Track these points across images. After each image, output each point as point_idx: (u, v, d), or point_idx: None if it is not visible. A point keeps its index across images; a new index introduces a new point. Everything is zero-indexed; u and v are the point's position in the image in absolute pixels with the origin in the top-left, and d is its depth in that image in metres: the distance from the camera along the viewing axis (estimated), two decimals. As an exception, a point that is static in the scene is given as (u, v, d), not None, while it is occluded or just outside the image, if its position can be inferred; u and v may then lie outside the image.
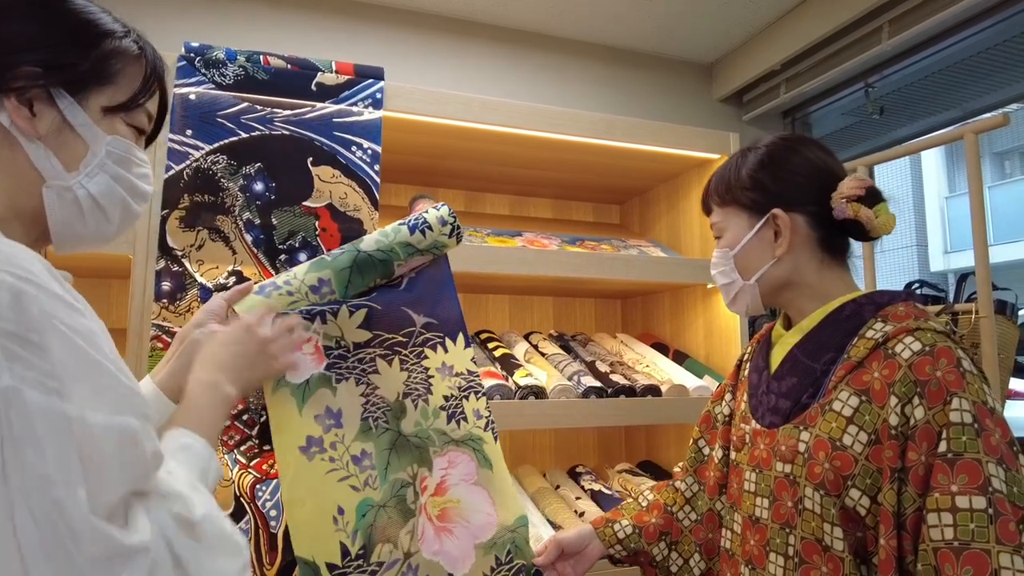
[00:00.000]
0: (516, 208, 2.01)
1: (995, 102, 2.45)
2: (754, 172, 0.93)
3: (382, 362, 1.00)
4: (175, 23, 1.75)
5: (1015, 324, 1.61)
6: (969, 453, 0.70)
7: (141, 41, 0.72)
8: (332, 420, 0.93)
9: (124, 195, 0.70)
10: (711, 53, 2.28)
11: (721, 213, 0.97)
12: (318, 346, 0.95)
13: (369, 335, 0.99)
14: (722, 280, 0.97)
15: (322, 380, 0.94)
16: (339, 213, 1.26)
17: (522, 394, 1.39)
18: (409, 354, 1.02)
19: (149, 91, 0.72)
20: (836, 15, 1.87)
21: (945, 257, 11.17)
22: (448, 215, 1.06)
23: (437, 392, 1.02)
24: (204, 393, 0.76)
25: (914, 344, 0.77)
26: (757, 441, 0.90)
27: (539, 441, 1.90)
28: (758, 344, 1.03)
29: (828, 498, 0.78)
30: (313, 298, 0.95)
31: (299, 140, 1.25)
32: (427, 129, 1.46)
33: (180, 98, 1.19)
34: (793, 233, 0.90)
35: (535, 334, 1.81)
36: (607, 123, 1.55)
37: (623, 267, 1.54)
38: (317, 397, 0.92)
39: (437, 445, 1.00)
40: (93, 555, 0.47)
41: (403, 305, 1.02)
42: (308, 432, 0.90)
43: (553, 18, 2.03)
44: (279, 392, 0.90)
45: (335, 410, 0.93)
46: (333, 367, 0.95)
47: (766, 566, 0.85)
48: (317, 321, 0.94)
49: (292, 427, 0.89)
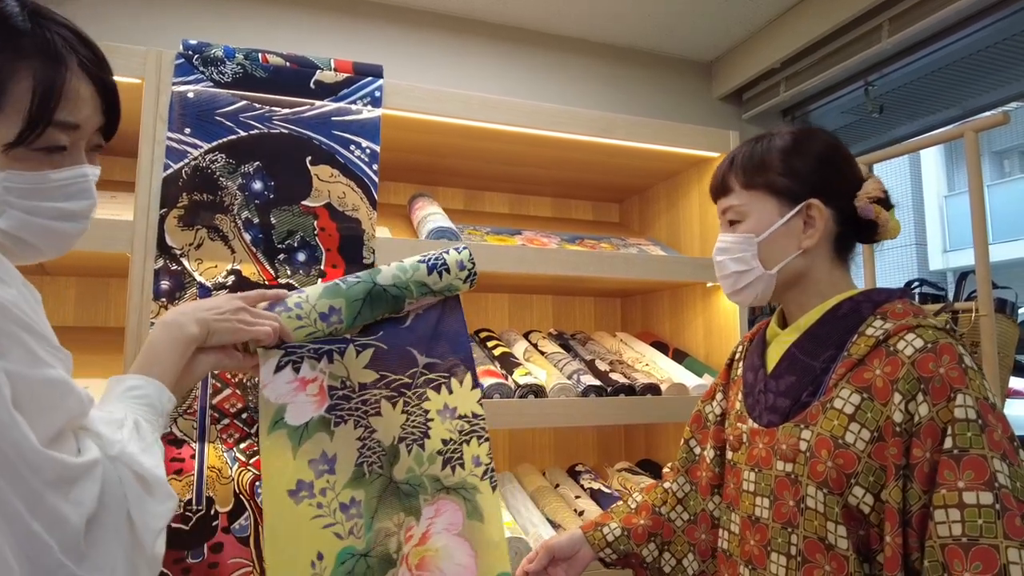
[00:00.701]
0: (515, 206, 2.01)
1: (995, 100, 2.44)
2: (788, 158, 0.89)
3: (386, 404, 0.97)
4: (173, 20, 1.74)
5: (1015, 323, 1.61)
6: (975, 449, 0.70)
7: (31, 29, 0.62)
8: (326, 466, 0.90)
9: (48, 224, 0.66)
10: (711, 51, 2.27)
11: (745, 196, 0.91)
12: (323, 387, 0.92)
13: (375, 375, 0.96)
14: (735, 267, 0.91)
15: (320, 424, 0.91)
16: (337, 212, 1.26)
17: (522, 393, 1.39)
18: (412, 396, 0.98)
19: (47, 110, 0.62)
20: (836, 13, 1.87)
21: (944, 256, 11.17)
22: (468, 260, 1.03)
23: (435, 436, 0.98)
24: (161, 331, 0.79)
25: (916, 341, 0.77)
26: (756, 440, 0.89)
27: (538, 440, 1.90)
28: (751, 343, 1.02)
29: (831, 496, 0.77)
30: (320, 325, 0.93)
31: (298, 139, 1.25)
32: (426, 127, 1.46)
33: (178, 96, 1.19)
34: (817, 228, 0.88)
35: (534, 333, 1.81)
36: (607, 121, 1.54)
37: (623, 265, 1.54)
38: (314, 441, 0.90)
39: (428, 492, 0.95)
40: (48, 479, 0.55)
41: (408, 345, 1.00)
42: (300, 476, 0.88)
43: (553, 16, 2.03)
44: (275, 433, 0.88)
45: (330, 456, 0.91)
46: (335, 409, 0.93)
47: (767, 566, 0.84)
48: (324, 360, 0.93)
49: (285, 470, 0.87)
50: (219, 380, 1.13)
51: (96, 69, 0.67)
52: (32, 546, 0.54)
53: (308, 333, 0.92)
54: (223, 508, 1.07)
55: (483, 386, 1.02)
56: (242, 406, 1.14)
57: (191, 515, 1.05)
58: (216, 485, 1.08)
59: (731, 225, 0.93)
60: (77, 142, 0.67)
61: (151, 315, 1.12)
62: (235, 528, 1.07)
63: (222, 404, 1.13)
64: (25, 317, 0.57)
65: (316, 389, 0.92)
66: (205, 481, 1.08)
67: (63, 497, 0.56)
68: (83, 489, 0.58)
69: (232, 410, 1.13)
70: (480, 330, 1.78)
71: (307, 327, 0.92)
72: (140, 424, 0.68)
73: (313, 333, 0.93)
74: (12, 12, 0.62)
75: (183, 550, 1.03)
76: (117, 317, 1.51)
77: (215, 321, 0.83)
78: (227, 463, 1.10)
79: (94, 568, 0.58)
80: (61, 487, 0.56)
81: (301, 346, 0.91)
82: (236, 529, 1.07)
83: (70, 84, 0.64)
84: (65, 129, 0.65)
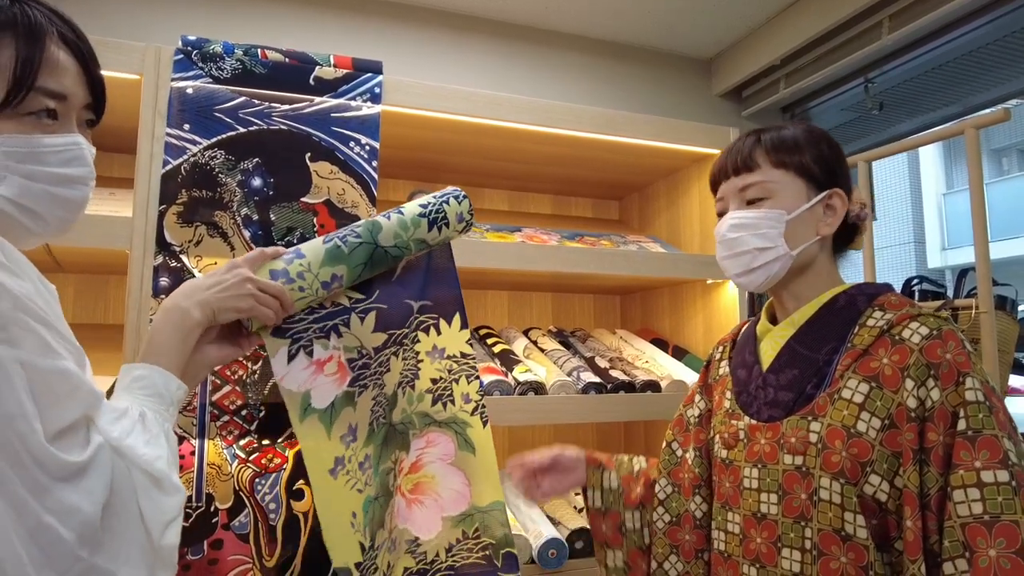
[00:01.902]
0: (515, 203, 2.01)
1: (995, 97, 2.44)
2: (818, 145, 0.92)
3: (393, 359, 0.98)
4: (172, 16, 1.73)
5: (1015, 320, 1.61)
6: (987, 430, 0.72)
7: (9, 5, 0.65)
8: (351, 436, 0.93)
9: (49, 189, 0.67)
10: (711, 48, 2.27)
11: (775, 174, 0.90)
12: (341, 363, 0.93)
13: (385, 336, 0.97)
14: (759, 243, 0.89)
15: (345, 399, 0.92)
16: (337, 209, 1.26)
17: (521, 390, 1.39)
18: (407, 341, 1.00)
19: (29, 73, 0.64)
20: (836, 10, 1.86)
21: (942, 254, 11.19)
22: (467, 212, 1.03)
23: (424, 376, 1.00)
24: (163, 318, 0.78)
25: (921, 329, 0.79)
26: (756, 436, 0.89)
27: (538, 437, 1.89)
28: (733, 344, 1.03)
29: (848, 486, 0.78)
30: (322, 294, 0.91)
31: (297, 135, 1.24)
32: (426, 124, 1.45)
33: (177, 92, 1.18)
34: (837, 217, 0.91)
35: (534, 330, 1.81)
36: (606, 118, 1.54)
37: (622, 262, 1.54)
38: (342, 418, 0.92)
39: (417, 427, 0.99)
40: (53, 474, 0.55)
41: (405, 298, 1.00)
42: (336, 453, 0.90)
43: (552, 12, 2.02)
44: (308, 420, 0.89)
45: (353, 425, 0.93)
46: (357, 380, 0.94)
47: (778, 562, 0.82)
48: (333, 336, 0.93)
49: (323, 452, 0.89)
50: (219, 377, 1.13)
51: (76, 41, 0.69)
52: (45, 537, 0.54)
53: (308, 302, 0.91)
54: (223, 505, 1.07)
55: (469, 327, 1.06)
56: (241, 403, 1.13)
57: (191, 511, 1.05)
58: (216, 482, 1.08)
59: (749, 204, 0.91)
60: (67, 112, 0.69)
61: (150, 312, 1.12)
62: (235, 525, 1.07)
63: (221, 401, 1.12)
64: (40, 311, 0.58)
65: (335, 367, 0.92)
66: (205, 478, 1.08)
67: (72, 488, 0.56)
68: (93, 479, 0.58)
69: (232, 407, 1.13)
70: (480, 327, 1.77)
71: (308, 297, 0.90)
72: (146, 416, 0.68)
73: (312, 302, 0.91)
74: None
75: (183, 546, 1.03)
76: (116, 314, 1.50)
77: (220, 299, 0.80)
78: (227, 460, 1.09)
79: (111, 558, 0.58)
80: (69, 480, 0.57)
81: (305, 329, 0.91)
82: (236, 526, 1.07)
83: (50, 52, 0.66)
84: (50, 96, 0.67)
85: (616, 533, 1.04)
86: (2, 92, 0.64)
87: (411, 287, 1.01)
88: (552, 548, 1.27)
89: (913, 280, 1.84)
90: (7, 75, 0.64)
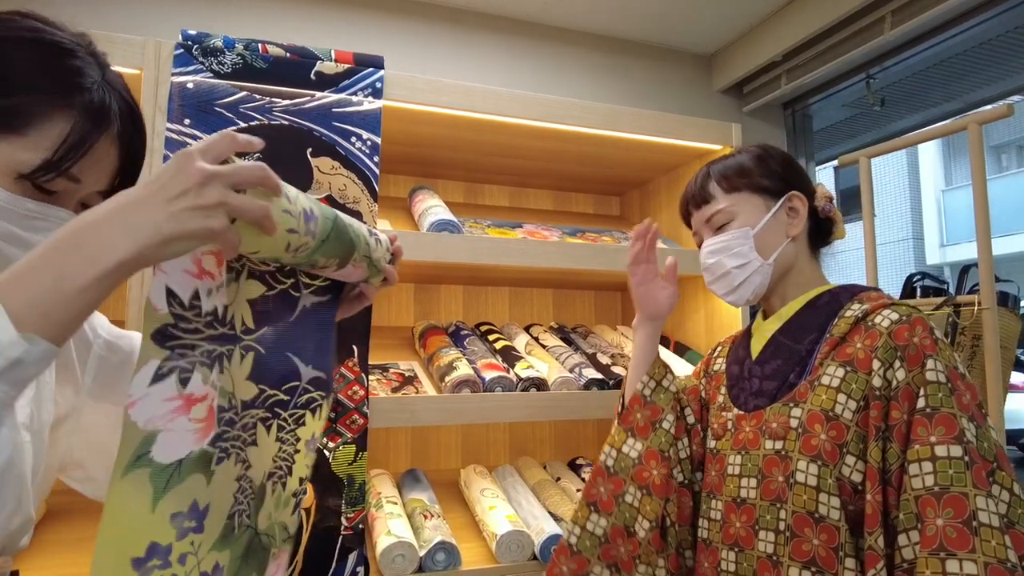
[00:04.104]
0: (516, 199, 2.00)
1: (996, 94, 2.44)
2: (762, 162, 0.99)
3: (261, 428, 0.72)
4: (172, 10, 1.72)
5: (1017, 316, 1.61)
6: (945, 408, 0.75)
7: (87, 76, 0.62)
8: (194, 522, 0.61)
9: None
10: (711, 43, 2.26)
11: (730, 199, 0.98)
12: (212, 409, 0.63)
13: (256, 390, 0.72)
14: (735, 262, 0.96)
15: (199, 462, 0.61)
16: (338, 205, 1.25)
17: (523, 386, 1.39)
18: (288, 418, 0.75)
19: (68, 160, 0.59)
20: (838, 6, 1.85)
21: (941, 250, 11.21)
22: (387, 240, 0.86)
23: (296, 473, 0.76)
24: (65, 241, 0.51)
25: (892, 315, 0.84)
26: (742, 425, 0.93)
27: (539, 433, 1.89)
28: (733, 343, 1.07)
29: (825, 468, 0.80)
30: (302, 227, 0.67)
31: (298, 130, 1.24)
32: (427, 119, 1.44)
33: (178, 87, 1.17)
34: (801, 217, 0.97)
35: (536, 326, 1.80)
36: (607, 113, 1.54)
37: (624, 259, 1.53)
38: (185, 487, 0.60)
39: (277, 543, 0.74)
40: None
41: (289, 350, 0.75)
42: (155, 538, 0.58)
43: (554, 8, 2.02)
44: (134, 473, 0.57)
45: (202, 507, 0.62)
46: (220, 439, 0.64)
47: (755, 545, 0.85)
48: (215, 370, 0.64)
49: (135, 528, 0.57)
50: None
51: (131, 138, 0.66)
52: None
53: (290, 227, 0.65)
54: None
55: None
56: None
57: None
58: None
59: (718, 230, 0.99)
60: (71, 191, 0.65)
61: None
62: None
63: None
64: None
65: (203, 412, 0.62)
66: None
67: None
68: None
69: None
70: (481, 323, 1.77)
71: (292, 218, 0.66)
72: None
73: (293, 233, 0.66)
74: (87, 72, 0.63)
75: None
76: (117, 311, 1.50)
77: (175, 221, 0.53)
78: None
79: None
80: None
81: (194, 345, 0.62)
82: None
83: (98, 146, 0.63)
84: (70, 179, 0.63)
85: (647, 425, 1.02)
86: (34, 157, 0.59)
87: (303, 340, 0.77)
88: (554, 544, 1.27)
89: (915, 276, 1.84)
90: (46, 145, 0.60)
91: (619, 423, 1.05)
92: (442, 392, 1.36)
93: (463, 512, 1.47)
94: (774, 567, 0.82)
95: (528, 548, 1.28)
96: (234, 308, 0.69)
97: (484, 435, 1.83)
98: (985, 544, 0.68)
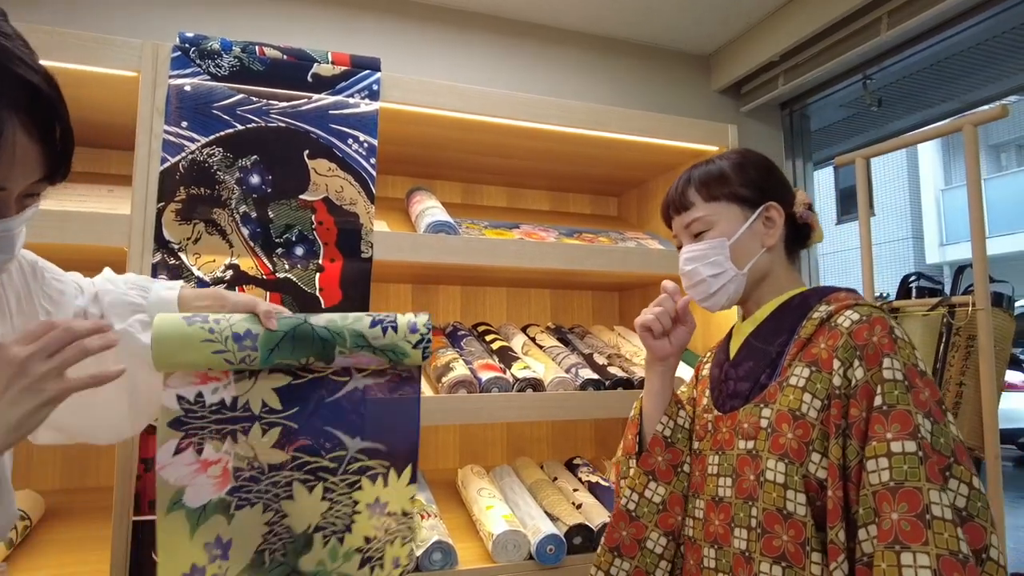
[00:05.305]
0: (513, 200, 2.00)
1: (993, 94, 2.44)
2: (743, 171, 1.00)
3: (301, 488, 0.91)
4: (169, 13, 1.73)
5: (1012, 316, 1.61)
6: (901, 405, 0.77)
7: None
8: (219, 551, 0.86)
9: None
10: (709, 44, 2.27)
11: (709, 207, 0.99)
12: (226, 469, 0.87)
13: (286, 456, 0.90)
14: (710, 271, 0.99)
15: (219, 506, 0.87)
16: (335, 206, 1.26)
17: (520, 386, 1.39)
18: (339, 482, 0.92)
19: None
20: (835, 6, 1.86)
21: (940, 250, 11.21)
22: (423, 325, 0.95)
23: (358, 532, 0.92)
24: None
25: (853, 315, 0.86)
26: (720, 426, 0.96)
27: (536, 433, 1.90)
28: (718, 347, 1.09)
29: (792, 466, 0.83)
30: (232, 346, 0.86)
31: (295, 132, 1.24)
32: (424, 120, 1.45)
33: (175, 89, 1.18)
34: (777, 227, 0.99)
35: (533, 327, 1.81)
36: (605, 114, 1.54)
37: (621, 259, 1.54)
38: (210, 524, 0.86)
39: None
40: None
41: (329, 425, 0.93)
42: (195, 560, 0.85)
43: (551, 8, 2.02)
44: (173, 514, 0.85)
45: (224, 540, 0.87)
46: (239, 491, 0.88)
47: (731, 542, 0.88)
48: (228, 441, 0.88)
49: (179, 552, 0.84)
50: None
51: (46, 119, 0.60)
52: None
53: (216, 351, 0.85)
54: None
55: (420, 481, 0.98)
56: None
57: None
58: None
59: (696, 237, 1.01)
60: (7, 199, 0.62)
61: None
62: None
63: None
64: None
65: (219, 471, 0.87)
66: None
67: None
68: None
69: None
70: (478, 324, 1.78)
71: (217, 343, 0.85)
72: None
73: (223, 353, 0.86)
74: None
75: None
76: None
77: (16, 408, 0.60)
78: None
79: None
80: None
81: (203, 427, 0.86)
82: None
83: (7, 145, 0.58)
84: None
85: (669, 469, 1.02)
86: None
87: (343, 418, 0.93)
88: (550, 544, 1.27)
89: (911, 277, 1.85)
90: None
91: (638, 464, 1.04)
92: (439, 392, 1.36)
93: (460, 512, 1.48)
94: (747, 563, 0.85)
95: (524, 548, 1.28)
96: (249, 395, 0.89)
97: (481, 435, 1.84)
98: (938, 536, 0.70)
